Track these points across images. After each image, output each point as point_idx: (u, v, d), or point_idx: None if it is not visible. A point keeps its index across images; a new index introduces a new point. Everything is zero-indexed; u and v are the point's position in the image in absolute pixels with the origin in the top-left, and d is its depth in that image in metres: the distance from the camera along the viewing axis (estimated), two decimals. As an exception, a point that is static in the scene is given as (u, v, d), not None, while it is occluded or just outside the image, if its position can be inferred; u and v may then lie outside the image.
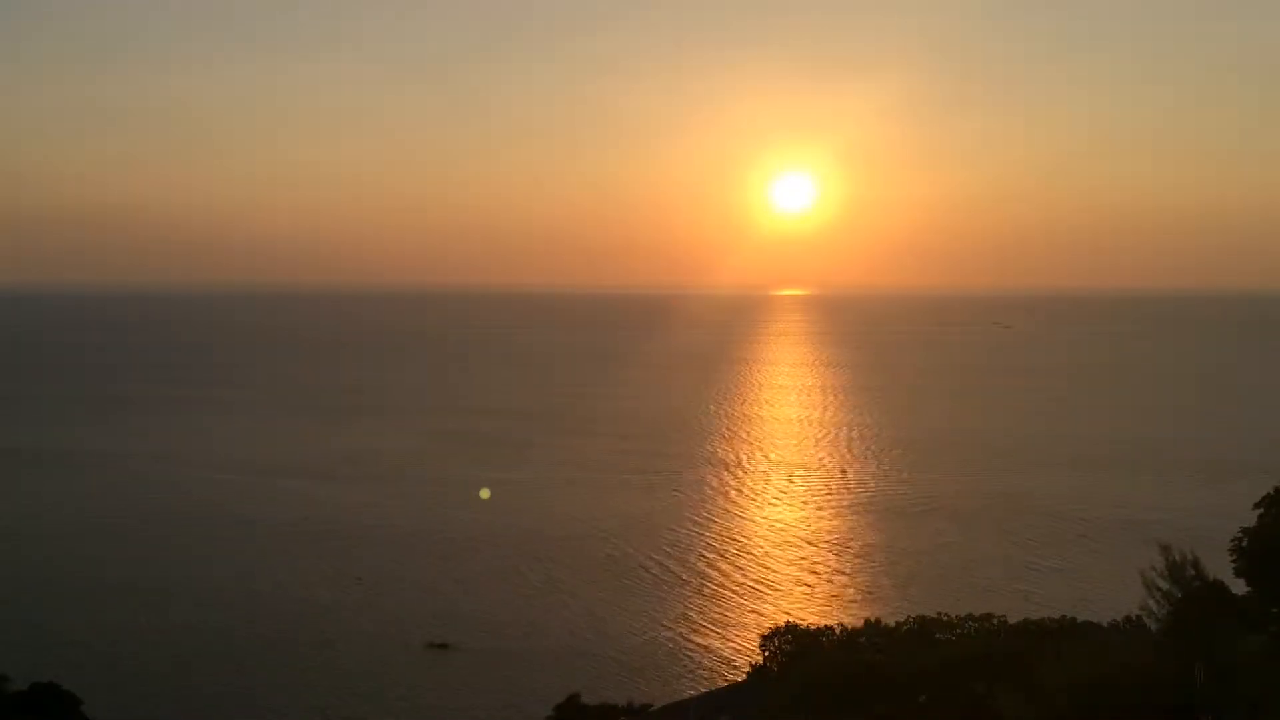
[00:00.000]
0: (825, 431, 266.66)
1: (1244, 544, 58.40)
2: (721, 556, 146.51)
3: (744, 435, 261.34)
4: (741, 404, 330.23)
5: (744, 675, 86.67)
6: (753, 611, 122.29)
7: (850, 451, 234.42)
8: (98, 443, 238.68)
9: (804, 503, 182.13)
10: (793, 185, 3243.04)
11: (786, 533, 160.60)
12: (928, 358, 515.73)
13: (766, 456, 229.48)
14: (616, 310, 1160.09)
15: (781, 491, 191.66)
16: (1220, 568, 57.36)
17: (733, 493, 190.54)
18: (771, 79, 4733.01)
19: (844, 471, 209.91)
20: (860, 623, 78.16)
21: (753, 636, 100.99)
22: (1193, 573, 52.58)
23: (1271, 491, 60.08)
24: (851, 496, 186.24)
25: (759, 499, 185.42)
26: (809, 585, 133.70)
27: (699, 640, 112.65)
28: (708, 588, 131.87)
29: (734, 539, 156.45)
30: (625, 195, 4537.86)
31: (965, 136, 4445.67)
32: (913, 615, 76.04)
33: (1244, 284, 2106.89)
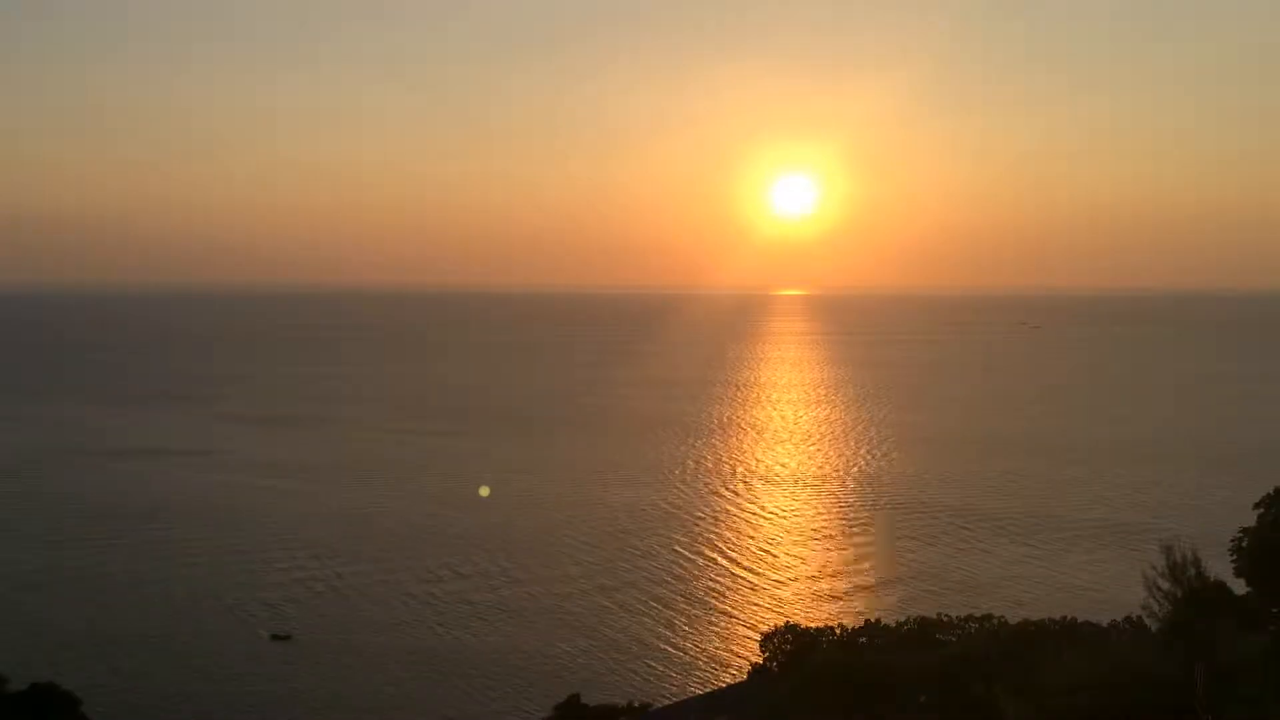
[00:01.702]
0: (824, 432, 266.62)
1: (1244, 544, 58.42)
2: (721, 556, 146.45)
3: (743, 435, 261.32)
4: (744, 404, 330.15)
5: (744, 675, 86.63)
6: (753, 611, 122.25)
7: (849, 451, 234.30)
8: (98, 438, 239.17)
9: (804, 502, 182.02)
10: (796, 185, 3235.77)
11: (786, 532, 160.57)
12: (938, 356, 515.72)
13: (766, 457, 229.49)
14: (614, 309, 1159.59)
15: (780, 491, 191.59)
16: (1221, 568, 57.36)
17: (732, 493, 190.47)
18: (772, 78, 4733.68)
19: (843, 471, 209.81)
20: (860, 623, 78.09)
21: (753, 636, 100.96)
22: (1194, 573, 52.49)
23: (1271, 491, 60.11)
24: (852, 496, 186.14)
25: (758, 499, 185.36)
26: (809, 585, 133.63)
27: (699, 640, 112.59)
28: (708, 588, 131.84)
29: (734, 539, 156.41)
30: (623, 196, 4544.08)
31: (971, 136, 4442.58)
32: (913, 615, 76.01)
33: (1243, 284, 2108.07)
